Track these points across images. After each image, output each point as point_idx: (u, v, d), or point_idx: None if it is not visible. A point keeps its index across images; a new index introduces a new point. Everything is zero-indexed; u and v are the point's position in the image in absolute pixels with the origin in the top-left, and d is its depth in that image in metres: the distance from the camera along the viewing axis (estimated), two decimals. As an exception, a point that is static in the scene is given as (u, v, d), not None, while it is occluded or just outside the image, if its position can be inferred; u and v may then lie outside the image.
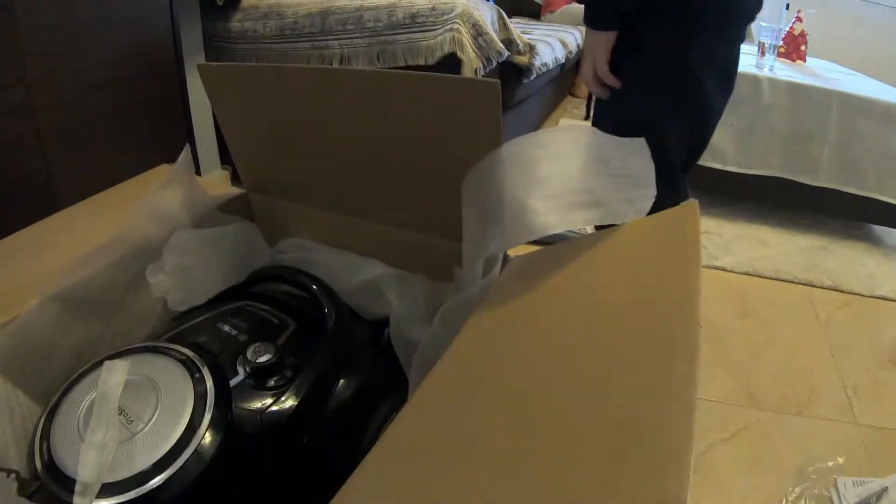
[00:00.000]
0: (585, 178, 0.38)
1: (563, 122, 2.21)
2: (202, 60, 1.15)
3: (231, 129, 0.62)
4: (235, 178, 1.22)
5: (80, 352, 0.48)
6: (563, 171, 0.37)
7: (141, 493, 0.36)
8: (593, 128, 0.40)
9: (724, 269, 1.20)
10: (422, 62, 1.03)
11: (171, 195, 0.56)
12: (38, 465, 0.37)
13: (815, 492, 0.73)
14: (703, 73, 0.63)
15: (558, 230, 0.36)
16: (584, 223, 0.37)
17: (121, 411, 0.40)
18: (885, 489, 0.73)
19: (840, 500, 0.73)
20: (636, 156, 0.43)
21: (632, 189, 0.41)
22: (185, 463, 0.38)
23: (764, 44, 1.38)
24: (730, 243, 1.30)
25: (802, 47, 1.63)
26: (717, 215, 1.42)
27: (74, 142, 0.91)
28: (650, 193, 0.41)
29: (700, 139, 0.71)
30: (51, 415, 0.41)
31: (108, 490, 0.36)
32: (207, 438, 0.40)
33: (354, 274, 0.55)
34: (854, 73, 1.71)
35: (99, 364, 0.44)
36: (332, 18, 1.11)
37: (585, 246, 0.40)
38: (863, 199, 1.36)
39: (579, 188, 0.37)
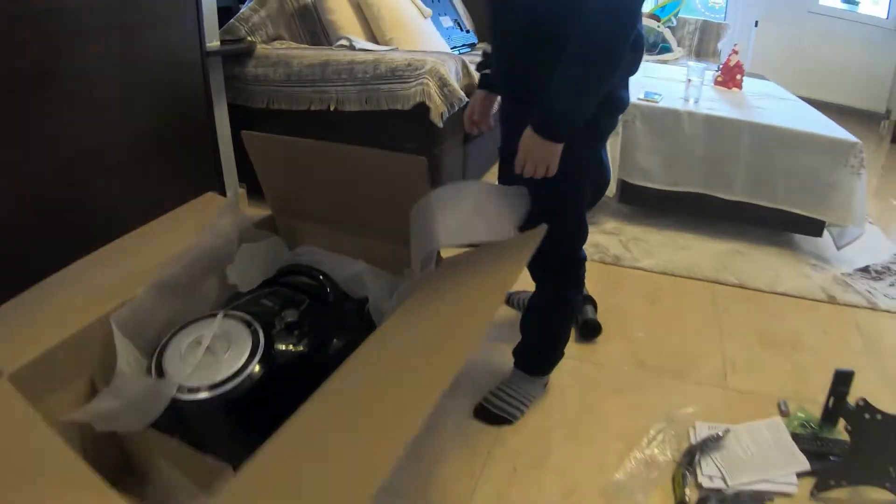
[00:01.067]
0: (470, 215, 0.74)
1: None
2: (224, 100, 1.51)
3: (264, 174, 1.00)
4: (251, 194, 1.58)
5: (169, 320, 0.84)
6: (457, 212, 0.74)
7: (217, 393, 0.72)
8: (482, 182, 0.77)
9: (642, 269, 1.55)
10: (399, 107, 1.39)
11: (227, 219, 0.93)
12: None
13: (676, 431, 1.06)
14: (605, 156, 0.95)
15: (449, 245, 0.74)
16: (462, 242, 0.74)
17: (208, 349, 0.77)
18: (729, 430, 1.07)
19: (694, 437, 1.07)
20: (516, 199, 0.79)
21: (501, 222, 0.77)
22: (243, 379, 0.74)
23: (691, 80, 1.73)
24: (653, 248, 1.65)
25: (738, 76, 1.97)
26: (647, 225, 1.77)
27: (133, 172, 1.27)
28: (515, 226, 0.77)
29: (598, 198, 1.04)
30: (161, 352, 0.78)
31: (199, 390, 0.72)
32: (258, 367, 0.76)
33: (346, 269, 0.92)
34: (788, 96, 2.06)
35: (188, 325, 0.81)
36: (329, 69, 1.47)
37: (471, 256, 0.77)
38: (778, 211, 1.71)
39: (463, 220, 0.74)
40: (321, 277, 0.89)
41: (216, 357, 0.76)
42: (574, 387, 1.14)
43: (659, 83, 1.91)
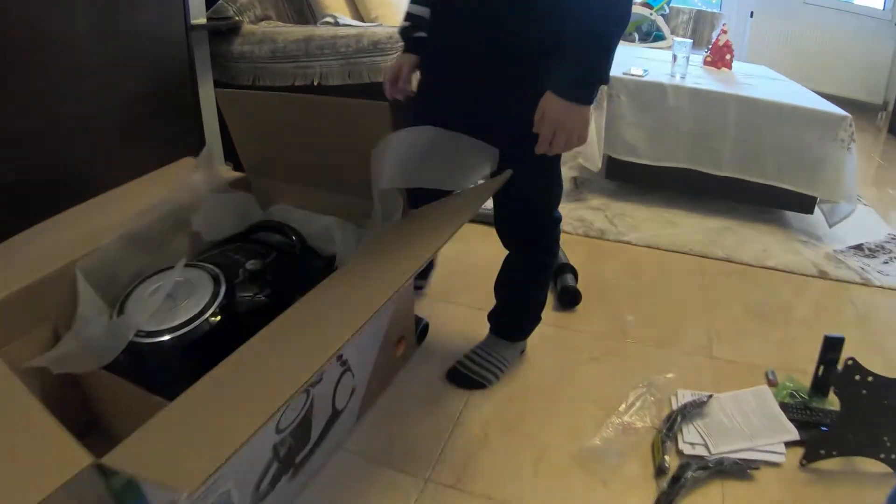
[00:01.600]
0: (424, 159, 0.72)
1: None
2: (210, 77, 1.51)
3: (237, 132, 0.98)
4: (236, 169, 1.57)
5: (136, 273, 0.82)
6: (409, 154, 0.71)
7: (174, 336, 0.71)
8: (436, 128, 0.75)
9: (628, 243, 1.52)
10: (381, 79, 1.37)
11: (199, 175, 0.91)
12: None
13: (656, 398, 1.03)
14: None
15: (399, 185, 0.72)
16: (414, 184, 0.72)
17: (170, 296, 0.75)
18: (711, 396, 1.04)
19: (676, 403, 1.04)
20: (478, 152, 0.77)
21: (462, 168, 0.75)
22: (200, 324, 0.73)
23: (676, 56, 1.70)
24: (640, 223, 1.62)
25: (728, 56, 1.94)
26: (634, 201, 1.74)
27: (116, 141, 1.27)
28: (482, 173, 0.75)
29: None
30: (124, 300, 0.76)
31: (157, 334, 0.70)
32: (216, 313, 0.74)
33: (316, 223, 0.90)
34: (781, 78, 2.02)
35: (153, 275, 0.79)
36: (313, 44, 1.46)
37: (420, 215, 0.75)
38: (768, 187, 1.67)
39: (416, 163, 0.72)
40: (289, 231, 0.88)
41: (176, 303, 0.75)
42: (551, 353, 1.11)
43: (647, 62, 1.89)
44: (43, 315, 0.73)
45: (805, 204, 1.70)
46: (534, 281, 0.99)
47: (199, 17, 1.47)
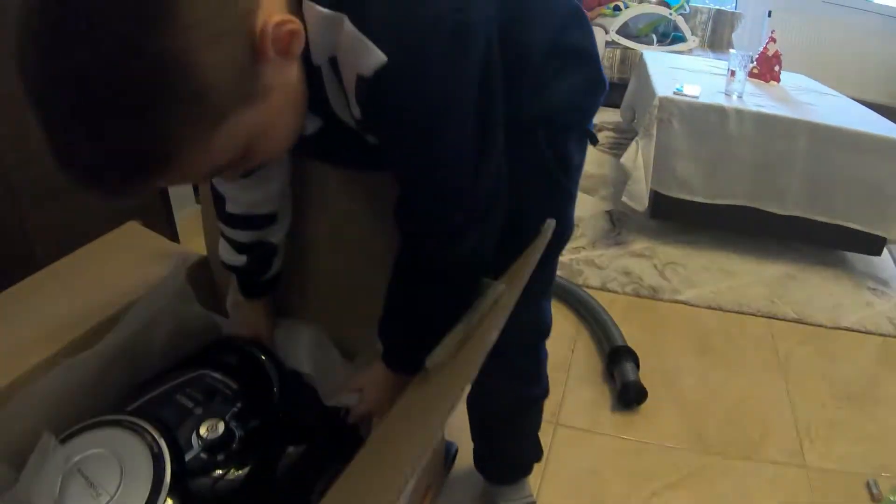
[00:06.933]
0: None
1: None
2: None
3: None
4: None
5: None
6: None
7: None
8: None
9: (686, 304, 1.30)
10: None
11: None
12: None
13: None
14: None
15: None
16: None
17: (90, 483, 0.49)
18: None
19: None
20: None
21: None
22: None
23: (734, 71, 1.49)
24: (694, 275, 1.40)
25: (776, 67, 1.74)
26: (684, 244, 1.51)
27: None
28: None
29: None
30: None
31: None
32: (167, 509, 0.48)
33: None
34: (829, 91, 1.83)
35: (67, 438, 0.52)
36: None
37: None
38: (833, 227, 1.47)
39: None
40: (263, 358, 0.61)
41: (99, 499, 0.49)
42: (616, 477, 0.88)
43: (690, 75, 1.66)
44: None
45: (873, 245, 1.51)
46: (526, 424, 0.74)
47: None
